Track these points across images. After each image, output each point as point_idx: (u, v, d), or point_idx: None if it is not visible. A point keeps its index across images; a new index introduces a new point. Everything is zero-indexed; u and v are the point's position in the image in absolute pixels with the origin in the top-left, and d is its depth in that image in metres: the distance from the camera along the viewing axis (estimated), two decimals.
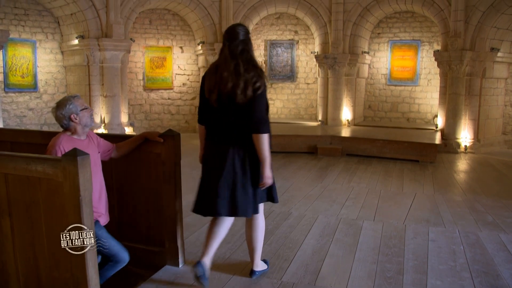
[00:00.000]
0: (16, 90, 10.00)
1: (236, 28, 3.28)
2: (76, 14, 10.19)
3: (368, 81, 12.53)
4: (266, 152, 3.18)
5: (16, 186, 2.67)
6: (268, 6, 11.86)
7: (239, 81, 3.13)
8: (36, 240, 2.68)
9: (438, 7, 10.36)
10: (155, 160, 3.70)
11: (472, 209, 5.73)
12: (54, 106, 3.10)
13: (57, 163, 2.43)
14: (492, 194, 6.52)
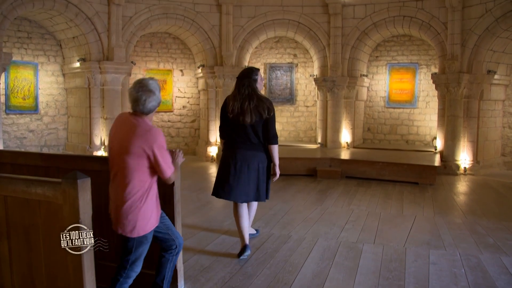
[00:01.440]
0: (17, 112, 10.06)
1: (251, 69, 4.63)
2: (78, 37, 10.33)
3: (367, 104, 12.62)
4: (277, 156, 4.75)
5: (15, 208, 2.67)
6: (268, 30, 12.01)
7: (258, 108, 4.45)
8: (34, 263, 2.67)
9: (434, 31, 10.51)
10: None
11: (472, 231, 5.70)
12: (150, 89, 2.96)
13: (57, 185, 2.43)
14: (492, 216, 6.50)
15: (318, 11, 11.69)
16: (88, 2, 10.04)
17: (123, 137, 2.94)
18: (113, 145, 3.00)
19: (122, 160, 2.92)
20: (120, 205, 2.95)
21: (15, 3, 8.83)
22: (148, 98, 2.94)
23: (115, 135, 3.01)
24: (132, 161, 2.90)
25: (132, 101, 2.96)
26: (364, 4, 11.30)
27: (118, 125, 3.04)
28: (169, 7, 11.18)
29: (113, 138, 3.02)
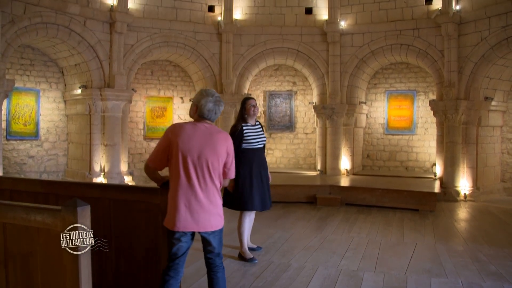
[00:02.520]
0: (17, 137, 10.10)
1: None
2: (80, 64, 10.45)
3: (366, 131, 12.68)
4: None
5: (14, 236, 2.66)
6: (267, 58, 12.17)
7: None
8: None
9: (432, 58, 10.65)
10: (154, 210, 3.69)
11: (474, 258, 5.65)
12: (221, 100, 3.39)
13: (57, 213, 2.43)
14: (494, 243, 6.45)
15: (316, 39, 11.87)
16: (90, 31, 10.20)
17: (206, 143, 3.26)
18: (192, 151, 3.22)
19: (210, 162, 3.25)
20: (211, 203, 3.27)
21: (19, 32, 8.97)
22: (219, 108, 3.38)
23: (192, 142, 3.24)
24: (219, 162, 3.29)
25: (208, 110, 3.31)
26: (362, 32, 11.48)
27: (192, 133, 3.26)
28: (170, 36, 11.35)
29: (189, 145, 3.23)
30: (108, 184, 8.59)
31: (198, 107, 3.32)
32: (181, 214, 3.18)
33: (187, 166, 3.20)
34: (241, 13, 11.96)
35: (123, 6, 10.55)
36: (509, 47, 9.38)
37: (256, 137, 5.41)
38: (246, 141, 5.34)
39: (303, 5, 12.01)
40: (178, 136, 3.23)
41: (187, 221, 3.18)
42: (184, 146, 3.21)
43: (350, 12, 11.60)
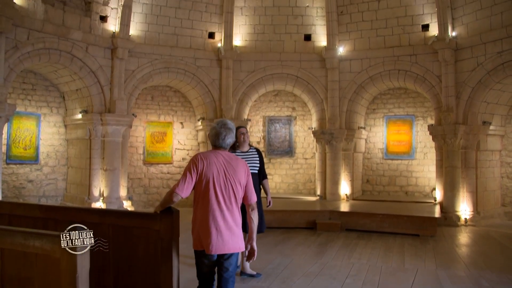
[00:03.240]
0: (17, 161, 10.12)
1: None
2: (81, 89, 10.55)
3: (365, 156, 12.71)
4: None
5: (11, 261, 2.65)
6: (267, 84, 12.29)
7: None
8: None
9: (429, 84, 10.76)
10: (153, 236, 3.68)
11: (476, 285, 5.60)
12: (229, 127, 3.63)
13: (56, 239, 2.43)
14: (496, 269, 6.39)
15: (315, 65, 12.01)
16: (92, 56, 10.33)
17: (229, 169, 3.51)
18: (218, 177, 3.47)
19: (234, 187, 3.50)
20: (237, 226, 3.52)
21: (22, 57, 9.09)
22: (228, 135, 3.59)
23: (217, 169, 3.48)
24: (241, 186, 3.55)
25: (213, 136, 3.60)
26: (360, 58, 11.63)
27: (215, 161, 3.49)
28: (171, 62, 11.49)
29: (215, 172, 3.47)
30: (107, 209, 8.57)
31: (209, 136, 3.65)
32: (213, 238, 3.39)
33: (215, 192, 3.45)
34: (241, 39, 12.13)
35: (125, 32, 10.71)
36: (505, 72, 9.49)
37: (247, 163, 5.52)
38: None
39: (302, 32, 12.18)
40: (204, 165, 3.46)
41: (218, 244, 3.40)
42: (211, 173, 3.45)
43: (348, 38, 11.76)
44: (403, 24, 11.15)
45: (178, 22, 11.67)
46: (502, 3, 9.44)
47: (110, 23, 10.64)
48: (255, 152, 5.76)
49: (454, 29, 10.31)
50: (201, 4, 11.79)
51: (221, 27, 11.95)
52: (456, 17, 10.30)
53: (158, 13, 11.40)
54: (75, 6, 10.23)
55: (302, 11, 12.10)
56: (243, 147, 5.66)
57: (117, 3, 10.62)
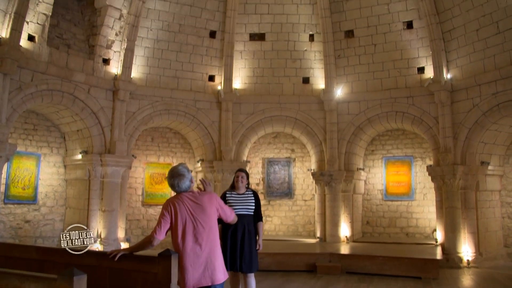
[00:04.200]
0: (15, 201, 10.05)
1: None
2: (82, 130, 10.65)
3: (364, 197, 12.67)
4: None
5: None
6: (266, 126, 12.43)
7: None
8: None
9: (427, 125, 10.89)
10: (151, 280, 3.63)
11: None
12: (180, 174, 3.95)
13: (52, 282, 2.38)
14: None
15: (314, 107, 12.20)
16: (94, 98, 10.51)
17: (197, 208, 3.88)
18: (188, 218, 3.83)
19: (205, 223, 3.85)
20: (215, 254, 3.87)
21: (25, 98, 9.23)
22: (180, 181, 3.93)
23: (186, 210, 3.85)
24: (212, 220, 3.94)
25: (170, 186, 3.97)
26: (358, 100, 11.83)
27: (184, 203, 3.86)
28: (171, 104, 11.68)
29: (185, 213, 3.84)
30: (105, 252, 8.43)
31: (169, 185, 4.01)
32: (189, 274, 3.68)
33: (188, 231, 3.77)
34: (240, 82, 12.38)
35: (126, 75, 10.95)
36: (501, 113, 9.64)
37: (238, 204, 5.72)
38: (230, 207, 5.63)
39: (300, 75, 12.45)
40: (174, 209, 3.82)
41: (195, 278, 3.67)
42: (182, 215, 3.80)
43: (346, 81, 12.01)
44: (399, 67, 11.43)
45: (179, 65, 11.95)
46: (494, 46, 9.73)
47: (112, 65, 10.90)
48: (251, 195, 5.89)
49: (449, 71, 10.57)
50: (201, 48, 12.12)
51: (221, 70, 12.22)
52: (450, 60, 10.58)
53: (159, 56, 11.70)
54: (79, 49, 10.51)
55: (300, 55, 12.42)
56: (240, 189, 5.86)
57: (120, 46, 10.92)
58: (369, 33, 11.74)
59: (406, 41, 11.34)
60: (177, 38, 11.85)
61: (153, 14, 11.47)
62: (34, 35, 9.37)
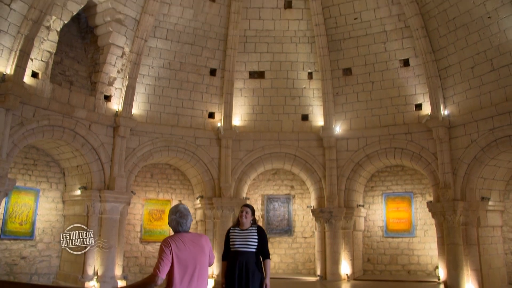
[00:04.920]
0: (12, 237, 9.94)
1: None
2: (82, 166, 10.67)
3: (365, 234, 12.54)
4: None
5: None
6: (265, 163, 12.47)
7: None
8: None
9: (425, 161, 10.94)
10: None
11: None
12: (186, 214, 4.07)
13: None
14: None
15: (313, 144, 12.28)
16: (94, 134, 10.59)
17: (195, 248, 3.94)
18: (188, 258, 3.88)
19: (203, 262, 3.96)
20: None
21: (27, 133, 9.31)
22: (187, 220, 4.05)
23: (186, 250, 3.89)
24: (207, 260, 4.05)
25: (176, 224, 4.02)
26: (357, 137, 11.93)
27: (183, 243, 3.90)
28: (171, 140, 11.76)
29: (185, 253, 3.87)
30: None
31: (170, 224, 4.07)
32: None
33: (187, 271, 3.81)
34: (240, 119, 12.51)
35: (127, 111, 11.09)
36: (499, 148, 9.71)
37: (238, 240, 5.58)
38: (231, 243, 5.62)
39: (299, 112, 12.60)
40: (175, 247, 3.83)
41: None
42: (183, 254, 3.84)
43: (345, 118, 12.15)
44: (397, 104, 11.59)
45: (180, 102, 12.11)
46: (489, 83, 9.93)
47: (113, 102, 11.05)
48: (254, 231, 5.65)
49: (446, 107, 10.72)
50: (202, 85, 12.33)
51: (221, 108, 12.37)
52: (447, 97, 10.76)
53: (160, 93, 11.88)
54: (81, 85, 10.69)
55: (299, 92, 12.61)
56: (243, 225, 5.66)
57: (122, 83, 11.11)
58: (367, 71, 11.99)
59: (403, 79, 11.56)
60: (178, 75, 12.08)
61: (154, 52, 11.73)
62: (37, 71, 9.57)
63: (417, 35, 10.97)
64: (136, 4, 10.96)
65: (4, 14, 8.72)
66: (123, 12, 10.81)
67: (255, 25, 12.48)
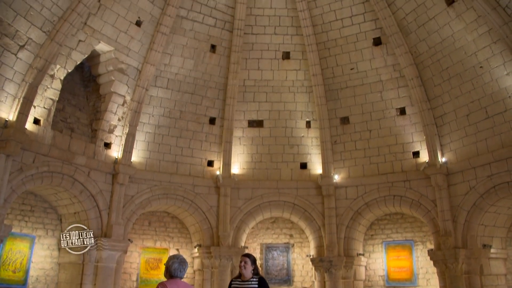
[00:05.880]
0: (4, 285, 9.66)
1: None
2: (79, 213, 10.59)
3: (366, 283, 12.21)
4: None
5: None
6: (264, 211, 12.39)
7: None
8: None
9: (425, 208, 10.89)
10: None
11: None
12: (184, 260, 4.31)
13: None
14: None
15: (312, 193, 12.26)
16: (93, 181, 10.60)
17: None
18: None
19: None
20: None
21: (25, 179, 9.32)
22: (186, 267, 4.27)
23: None
24: None
25: (175, 269, 4.18)
26: (356, 185, 11.94)
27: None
28: (170, 188, 11.76)
29: None
30: None
31: (168, 268, 4.21)
32: None
33: None
34: (239, 167, 12.56)
35: (127, 159, 11.16)
36: (498, 195, 9.70)
37: None
38: None
39: (298, 161, 12.67)
40: None
41: None
42: None
43: (343, 166, 12.21)
44: (394, 152, 11.69)
45: (179, 150, 12.20)
46: (484, 130, 10.08)
47: (113, 149, 11.14)
48: (255, 282, 5.51)
49: (444, 155, 10.82)
50: (201, 133, 12.47)
51: (220, 156, 12.45)
52: (444, 144, 10.88)
53: (160, 141, 12.00)
54: (82, 132, 10.83)
55: (297, 141, 12.73)
56: (244, 276, 5.53)
57: (122, 131, 11.25)
58: (364, 120, 12.17)
59: (400, 127, 11.72)
60: (177, 124, 12.24)
61: (155, 101, 11.96)
62: (39, 118, 9.73)
63: (412, 85, 11.25)
64: (138, 54, 11.31)
65: (11, 62, 9.00)
66: (125, 61, 11.13)
67: (254, 75, 12.80)
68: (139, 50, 11.30)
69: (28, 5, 8.91)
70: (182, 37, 11.94)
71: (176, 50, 11.95)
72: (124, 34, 10.90)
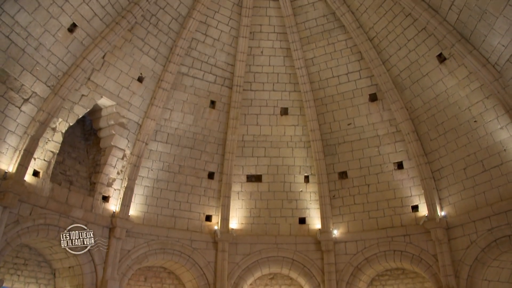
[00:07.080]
0: None
1: None
2: (74, 267, 10.36)
3: None
4: None
5: None
6: (262, 267, 12.16)
7: None
8: None
9: (426, 263, 10.70)
10: None
11: None
12: None
13: None
14: None
15: (311, 248, 12.11)
16: None
17: None
18: None
19: None
20: None
21: (21, 231, 9.20)
22: None
23: None
24: None
25: None
26: (355, 240, 11.80)
27: None
28: (167, 243, 11.61)
29: None
30: None
31: None
32: None
33: None
34: (237, 222, 12.47)
35: (124, 213, 11.11)
36: (499, 248, 9.57)
37: None
38: None
39: (296, 215, 12.60)
40: None
41: None
42: None
43: (342, 221, 12.13)
44: (393, 206, 11.66)
45: (177, 205, 12.16)
46: (482, 183, 10.12)
47: (111, 203, 11.11)
48: None
49: (443, 208, 10.81)
50: (200, 188, 12.47)
51: (218, 210, 12.40)
52: (442, 197, 10.89)
53: (158, 195, 11.98)
54: (81, 185, 10.84)
55: (296, 196, 12.72)
56: None
57: (121, 184, 11.27)
58: (362, 174, 12.24)
59: (398, 181, 11.77)
60: (176, 178, 12.28)
61: (154, 155, 12.07)
62: (39, 170, 9.77)
63: (408, 139, 11.42)
64: (139, 109, 11.55)
65: (14, 115, 9.16)
66: (126, 116, 11.35)
67: (253, 130, 13.01)
68: (140, 105, 11.56)
69: (35, 61, 9.21)
70: (182, 93, 12.26)
71: (177, 105, 12.22)
72: (126, 89, 11.20)
